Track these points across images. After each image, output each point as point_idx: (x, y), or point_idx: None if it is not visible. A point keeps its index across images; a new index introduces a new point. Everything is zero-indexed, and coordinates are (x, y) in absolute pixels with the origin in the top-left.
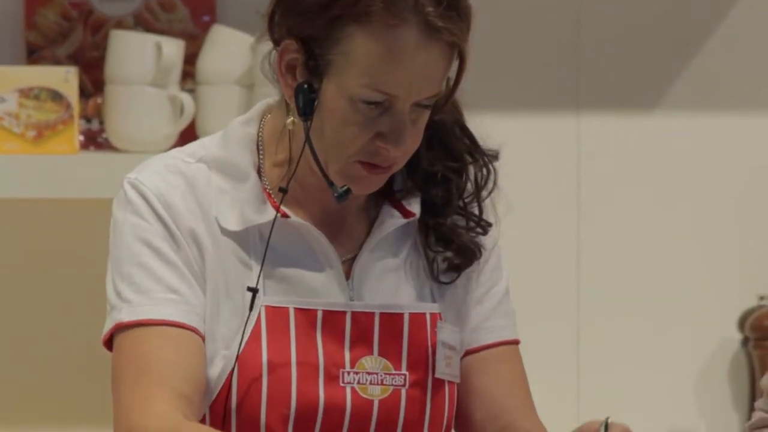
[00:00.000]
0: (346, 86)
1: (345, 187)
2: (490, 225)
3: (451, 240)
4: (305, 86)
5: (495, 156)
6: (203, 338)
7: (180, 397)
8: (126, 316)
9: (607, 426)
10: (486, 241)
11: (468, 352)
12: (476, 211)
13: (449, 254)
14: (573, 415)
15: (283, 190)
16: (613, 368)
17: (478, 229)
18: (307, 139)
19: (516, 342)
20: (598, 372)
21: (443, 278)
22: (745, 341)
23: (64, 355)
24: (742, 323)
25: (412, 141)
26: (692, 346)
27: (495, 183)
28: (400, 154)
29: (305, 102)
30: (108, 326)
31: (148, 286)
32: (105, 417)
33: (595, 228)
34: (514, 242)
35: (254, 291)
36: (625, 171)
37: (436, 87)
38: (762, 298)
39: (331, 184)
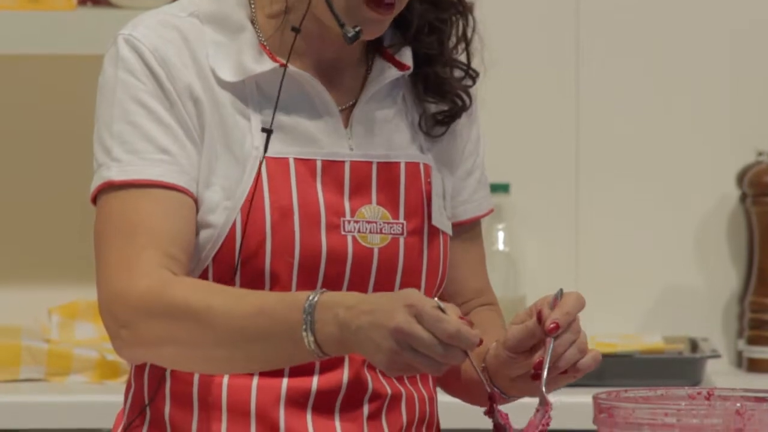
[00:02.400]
0: None
1: (357, 28)
2: (477, 74)
3: (442, 89)
4: None
5: (470, 7)
6: (195, 200)
7: (167, 257)
8: (116, 174)
9: (560, 296)
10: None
11: (456, 224)
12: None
13: (440, 105)
14: (571, 273)
15: (296, 30)
16: (611, 226)
17: (467, 80)
18: None
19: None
20: (596, 230)
21: (433, 131)
22: (743, 197)
23: (63, 213)
24: (740, 179)
25: None
26: (691, 203)
27: (475, 31)
28: None
29: None
30: (96, 183)
31: (139, 146)
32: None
33: (593, 86)
34: (513, 100)
35: (269, 132)
36: (623, 27)
37: None
38: (760, 153)
39: (342, 25)
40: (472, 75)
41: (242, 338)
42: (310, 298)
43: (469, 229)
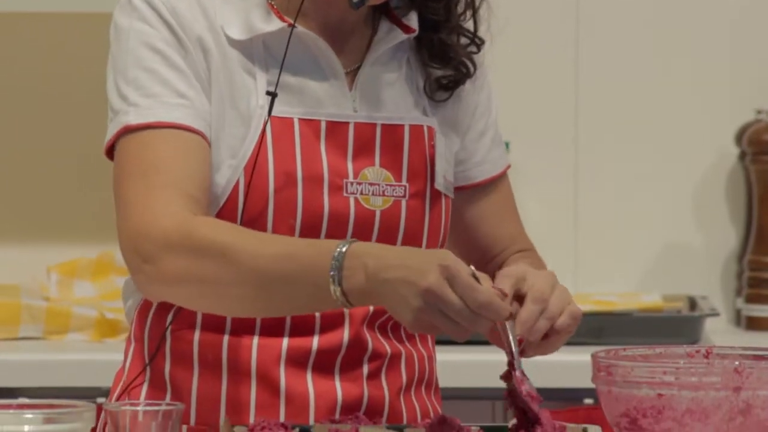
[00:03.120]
0: None
1: None
2: (483, 42)
3: (447, 56)
4: None
5: None
6: (209, 144)
7: (188, 196)
8: (134, 118)
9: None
10: (476, 60)
11: (470, 186)
12: (470, 28)
13: (445, 71)
14: (570, 232)
15: None
16: (610, 184)
17: (472, 47)
18: None
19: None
20: (595, 188)
21: (437, 96)
22: (742, 156)
23: (62, 171)
24: (739, 137)
25: None
26: (690, 161)
27: None
28: None
29: None
30: (113, 130)
31: (156, 90)
32: (103, 226)
33: (593, 44)
34: (512, 57)
35: (273, 95)
36: None
37: None
38: (759, 112)
39: None
40: (478, 43)
41: (267, 280)
42: (339, 247)
43: (488, 186)
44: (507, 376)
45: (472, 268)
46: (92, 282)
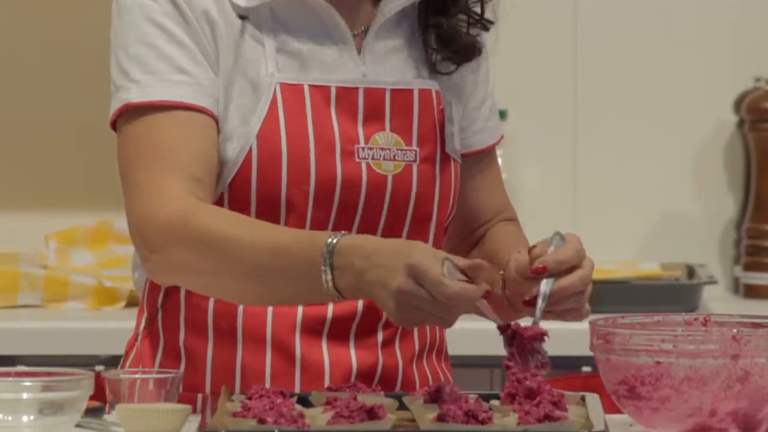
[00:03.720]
0: None
1: None
2: (491, 23)
3: (451, 39)
4: None
5: None
6: (216, 119)
7: (193, 179)
8: (135, 96)
9: (555, 240)
10: (483, 39)
11: (469, 154)
12: (477, 9)
13: (447, 53)
14: (569, 199)
15: None
16: (608, 152)
17: (479, 27)
18: None
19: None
20: (594, 156)
21: (441, 68)
22: (740, 123)
23: (61, 139)
24: (738, 105)
25: None
26: (688, 129)
27: None
28: None
29: None
30: (115, 106)
31: (157, 67)
32: (101, 194)
33: (592, 11)
34: (510, 25)
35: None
36: None
37: None
38: (758, 79)
39: None
40: (485, 23)
41: (264, 274)
42: (329, 241)
43: (484, 157)
44: (504, 328)
45: (446, 258)
46: (91, 250)
